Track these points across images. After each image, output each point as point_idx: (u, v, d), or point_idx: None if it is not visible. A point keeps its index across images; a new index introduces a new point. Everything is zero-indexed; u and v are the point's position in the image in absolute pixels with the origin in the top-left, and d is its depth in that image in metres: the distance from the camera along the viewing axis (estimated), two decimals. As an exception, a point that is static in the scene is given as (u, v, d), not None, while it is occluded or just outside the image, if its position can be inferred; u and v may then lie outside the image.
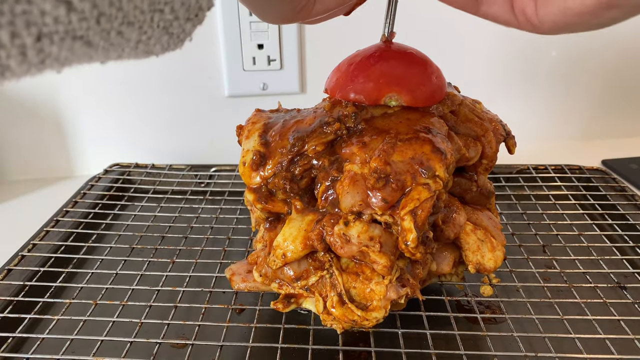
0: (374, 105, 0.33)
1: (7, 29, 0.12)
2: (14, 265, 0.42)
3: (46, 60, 0.14)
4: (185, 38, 0.19)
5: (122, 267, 0.42)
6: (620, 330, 0.35)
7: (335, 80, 0.34)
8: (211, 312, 0.38)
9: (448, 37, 0.63)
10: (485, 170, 0.37)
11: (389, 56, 0.32)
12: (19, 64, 0.13)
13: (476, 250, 0.35)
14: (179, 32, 0.18)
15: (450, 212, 0.34)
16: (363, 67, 0.33)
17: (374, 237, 0.31)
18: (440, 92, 0.35)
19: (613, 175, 0.58)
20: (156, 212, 0.51)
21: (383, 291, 0.32)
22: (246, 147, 0.34)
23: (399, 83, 0.33)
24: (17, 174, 0.65)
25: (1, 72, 0.13)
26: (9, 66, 0.13)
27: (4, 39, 0.12)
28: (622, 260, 0.43)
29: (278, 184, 0.33)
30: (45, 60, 0.14)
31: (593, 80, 0.69)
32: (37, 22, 0.13)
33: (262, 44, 0.62)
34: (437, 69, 0.35)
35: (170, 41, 0.19)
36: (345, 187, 0.30)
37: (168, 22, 0.17)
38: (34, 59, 0.13)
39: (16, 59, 0.13)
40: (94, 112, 0.64)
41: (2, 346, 0.34)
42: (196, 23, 0.19)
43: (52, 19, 0.13)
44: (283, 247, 0.32)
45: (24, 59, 0.13)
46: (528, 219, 0.49)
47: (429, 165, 0.30)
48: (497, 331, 0.35)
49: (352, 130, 0.32)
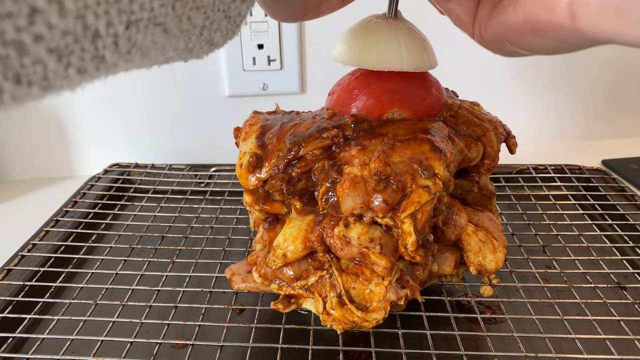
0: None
1: (104, 18, 0.12)
2: (14, 265, 0.42)
3: (132, 50, 0.14)
4: (241, 22, 0.20)
5: (122, 267, 0.42)
6: (620, 331, 0.35)
7: (336, 98, 0.35)
8: (211, 312, 0.38)
9: (447, 37, 0.63)
10: (488, 171, 0.37)
11: (388, 71, 0.32)
12: (112, 54, 0.13)
13: (478, 252, 0.35)
14: (236, 15, 0.19)
15: (451, 214, 0.34)
16: (363, 84, 0.33)
17: (374, 238, 0.30)
18: (440, 103, 0.35)
19: (613, 175, 0.58)
20: (156, 212, 0.51)
21: (383, 292, 0.31)
22: (243, 149, 0.34)
23: (401, 99, 0.33)
24: (17, 174, 0.65)
25: (97, 65, 0.13)
26: (104, 57, 0.13)
27: (101, 28, 0.12)
28: (622, 260, 0.43)
29: (275, 185, 0.32)
30: (132, 50, 0.14)
31: (593, 81, 0.69)
32: (127, 10, 0.13)
33: (262, 44, 0.62)
34: (435, 81, 0.35)
35: (229, 26, 0.19)
36: (345, 190, 0.30)
37: (227, 5, 0.18)
38: (123, 48, 0.13)
39: (110, 48, 0.13)
40: (94, 112, 0.64)
41: (2, 346, 0.34)
42: (249, 4, 0.20)
43: (138, 6, 0.13)
44: (283, 247, 0.32)
45: (116, 48, 0.13)
46: (528, 219, 0.49)
47: (428, 164, 0.30)
48: (497, 331, 0.35)
49: (350, 138, 0.32)
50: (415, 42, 0.31)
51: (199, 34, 0.18)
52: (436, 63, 0.33)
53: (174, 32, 0.16)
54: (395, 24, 0.32)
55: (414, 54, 0.31)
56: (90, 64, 0.13)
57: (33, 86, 0.12)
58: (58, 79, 0.12)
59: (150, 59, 0.16)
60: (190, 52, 0.18)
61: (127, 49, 0.14)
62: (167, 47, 0.16)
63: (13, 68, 0.11)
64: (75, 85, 0.13)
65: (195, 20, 0.17)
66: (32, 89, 0.12)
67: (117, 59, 0.14)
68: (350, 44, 0.32)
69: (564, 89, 0.69)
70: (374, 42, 0.31)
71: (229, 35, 0.20)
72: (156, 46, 0.15)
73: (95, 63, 0.13)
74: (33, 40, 0.11)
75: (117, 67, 0.14)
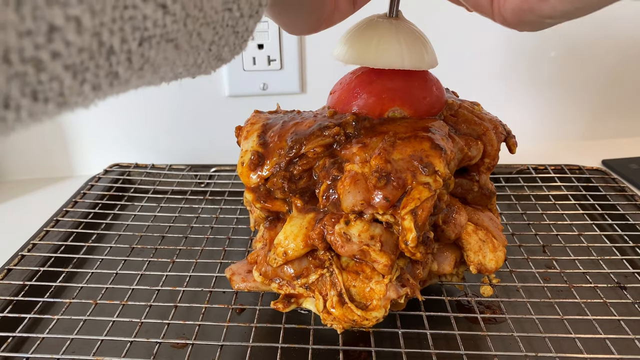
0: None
1: (119, 35, 0.12)
2: (14, 265, 0.42)
3: (144, 66, 0.14)
4: (248, 37, 0.20)
5: (122, 267, 0.42)
6: (620, 330, 0.35)
7: (338, 96, 0.35)
8: (211, 312, 0.38)
9: (447, 37, 0.63)
10: (488, 170, 0.37)
11: (389, 69, 0.32)
12: (125, 70, 0.13)
13: (478, 251, 0.35)
14: (243, 30, 0.19)
15: (451, 213, 0.34)
16: (365, 83, 0.34)
17: (375, 236, 0.31)
18: (440, 102, 0.35)
19: (613, 175, 0.58)
20: (156, 212, 0.51)
21: (383, 290, 0.32)
22: (245, 147, 0.34)
23: (401, 97, 0.33)
24: (17, 174, 0.65)
25: (110, 81, 0.13)
26: (118, 73, 0.13)
27: (116, 44, 0.13)
28: (622, 260, 0.43)
29: (276, 183, 0.33)
30: (144, 66, 0.14)
31: (593, 80, 0.69)
32: (140, 27, 0.13)
33: (262, 44, 0.62)
34: (436, 80, 0.35)
35: (236, 42, 0.20)
36: (346, 187, 0.30)
37: (235, 20, 0.18)
38: (137, 64, 0.14)
39: (123, 65, 0.13)
40: (94, 112, 0.64)
41: (2, 346, 0.34)
42: (257, 20, 0.20)
43: (152, 23, 0.13)
44: (284, 245, 0.33)
45: (130, 64, 0.13)
46: (528, 219, 0.49)
47: (428, 162, 0.30)
48: (497, 331, 0.35)
49: (351, 136, 0.32)
50: (416, 41, 0.31)
51: (207, 50, 0.18)
52: (436, 62, 0.33)
53: (185, 48, 0.16)
54: (396, 24, 0.32)
55: (414, 52, 0.31)
56: (104, 80, 0.13)
57: (49, 103, 0.12)
58: (73, 95, 0.12)
59: (160, 75, 0.16)
60: (198, 67, 0.19)
61: (140, 65, 0.14)
62: (177, 62, 0.17)
63: (31, 84, 0.11)
64: (89, 101, 0.13)
65: (205, 35, 0.17)
66: (49, 105, 0.12)
67: (130, 75, 0.14)
68: (352, 43, 0.32)
69: (564, 89, 0.69)
70: (375, 41, 0.31)
71: (236, 50, 0.20)
72: (167, 62, 0.16)
73: (109, 79, 0.13)
74: (51, 57, 0.11)
75: (129, 83, 0.14)
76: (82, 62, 0.12)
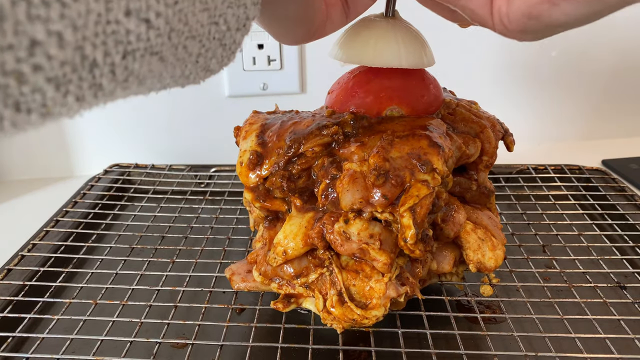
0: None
1: (101, 49, 0.13)
2: (14, 265, 0.42)
3: (129, 78, 0.14)
4: (236, 49, 0.20)
5: (122, 267, 0.42)
6: (620, 330, 0.35)
7: (336, 96, 0.35)
8: (211, 312, 0.38)
9: (445, 36, 0.63)
10: (486, 168, 0.37)
11: (387, 68, 0.32)
12: (109, 82, 0.14)
13: (477, 249, 0.35)
14: (231, 42, 0.20)
15: (449, 211, 0.34)
16: (362, 82, 0.34)
17: (374, 234, 0.31)
18: (438, 100, 0.35)
19: (613, 175, 0.58)
20: (156, 212, 0.51)
21: (382, 289, 0.32)
22: (243, 147, 0.34)
23: (399, 96, 0.33)
24: (17, 174, 0.65)
25: (94, 92, 0.13)
26: (102, 85, 0.13)
27: (99, 58, 0.13)
28: (622, 260, 0.43)
29: (275, 182, 0.33)
30: (129, 78, 0.14)
31: (593, 80, 0.69)
32: (123, 41, 0.13)
33: (262, 44, 0.62)
34: (433, 78, 0.35)
35: (224, 54, 0.20)
36: (345, 185, 0.30)
37: (221, 34, 0.18)
38: (120, 77, 0.14)
39: (107, 77, 0.13)
40: (93, 112, 0.63)
41: (2, 346, 0.34)
42: (244, 33, 0.20)
43: (135, 37, 0.14)
44: (284, 244, 0.33)
45: (113, 77, 0.14)
46: (528, 219, 0.49)
47: (426, 160, 0.30)
48: (497, 331, 0.35)
49: (349, 135, 0.32)
50: (413, 39, 0.32)
51: (194, 62, 0.18)
52: (434, 61, 0.33)
53: (170, 61, 0.16)
54: (394, 23, 0.32)
55: (412, 50, 0.31)
56: (88, 91, 0.13)
57: (32, 113, 0.12)
58: (56, 107, 0.13)
59: (147, 86, 0.16)
60: (186, 78, 0.19)
61: (124, 77, 0.14)
62: (163, 74, 0.17)
63: (13, 96, 0.11)
64: (73, 112, 0.13)
65: (191, 48, 0.17)
66: (31, 116, 0.12)
67: (114, 87, 0.14)
68: (349, 42, 0.32)
69: (564, 89, 0.69)
70: (372, 40, 0.31)
71: (225, 61, 0.20)
72: (153, 74, 0.16)
73: (93, 91, 0.13)
74: (32, 70, 0.11)
75: (115, 94, 0.15)
76: (64, 75, 0.12)
